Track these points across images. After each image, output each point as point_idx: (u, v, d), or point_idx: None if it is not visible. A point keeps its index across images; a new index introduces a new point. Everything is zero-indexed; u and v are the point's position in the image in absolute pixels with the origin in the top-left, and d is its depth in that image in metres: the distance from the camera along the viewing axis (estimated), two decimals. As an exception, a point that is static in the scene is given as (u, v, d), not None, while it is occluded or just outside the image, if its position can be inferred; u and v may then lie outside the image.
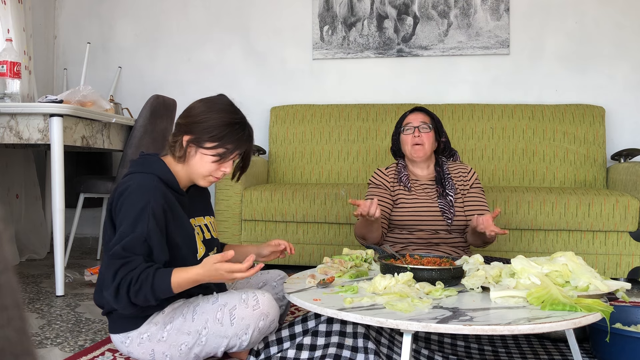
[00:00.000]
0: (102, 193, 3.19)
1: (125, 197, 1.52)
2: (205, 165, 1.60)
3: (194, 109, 1.64)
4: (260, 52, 3.88)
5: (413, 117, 2.27)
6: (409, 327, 1.25)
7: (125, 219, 1.49)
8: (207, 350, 1.58)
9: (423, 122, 2.23)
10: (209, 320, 1.55)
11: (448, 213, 2.16)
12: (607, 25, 3.50)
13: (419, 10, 3.67)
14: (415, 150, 2.21)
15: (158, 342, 1.57)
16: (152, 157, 1.65)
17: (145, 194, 1.51)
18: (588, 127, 3.34)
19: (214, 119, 1.59)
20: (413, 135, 2.21)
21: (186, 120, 1.62)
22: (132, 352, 1.60)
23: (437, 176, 2.25)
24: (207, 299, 1.60)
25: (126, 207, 1.51)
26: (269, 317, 1.58)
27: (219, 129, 1.58)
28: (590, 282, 1.47)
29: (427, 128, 2.22)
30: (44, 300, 2.46)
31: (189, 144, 1.59)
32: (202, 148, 1.58)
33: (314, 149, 3.55)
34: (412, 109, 2.32)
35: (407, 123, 2.25)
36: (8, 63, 2.70)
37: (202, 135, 1.58)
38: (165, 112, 3.23)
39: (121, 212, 1.51)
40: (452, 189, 2.21)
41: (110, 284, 1.42)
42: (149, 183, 1.53)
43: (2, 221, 0.44)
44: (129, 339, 1.59)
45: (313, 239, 3.03)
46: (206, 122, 1.58)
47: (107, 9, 4.07)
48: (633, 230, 2.76)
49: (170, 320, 1.57)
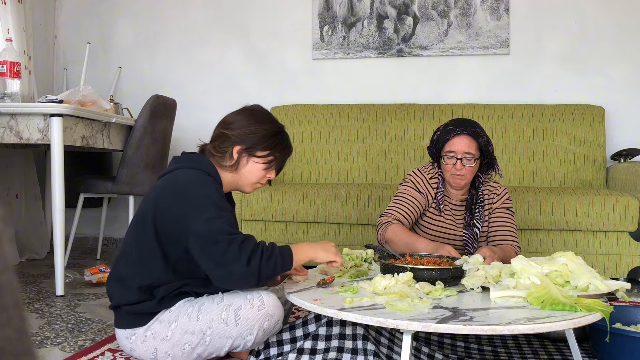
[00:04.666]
0: (102, 193, 3.19)
1: (195, 188, 1.57)
2: (256, 173, 1.70)
3: (239, 121, 1.70)
4: (260, 52, 3.88)
5: (458, 142, 2.01)
6: (409, 327, 1.25)
7: (199, 207, 1.53)
8: (210, 350, 1.58)
9: (467, 152, 2.00)
10: (214, 320, 1.56)
11: (470, 247, 2.08)
12: (607, 25, 3.50)
13: (419, 10, 3.67)
14: (455, 180, 2.05)
15: (162, 340, 1.57)
16: (199, 155, 1.72)
17: (208, 184, 1.60)
18: (588, 127, 3.34)
19: (264, 130, 1.68)
20: (454, 167, 2.02)
21: (234, 132, 1.68)
22: (134, 350, 1.61)
23: (469, 200, 2.11)
24: (212, 298, 1.61)
25: (195, 197, 1.55)
26: (273, 317, 1.58)
27: (270, 139, 1.68)
28: (590, 282, 1.47)
29: (470, 160, 2.01)
30: (44, 300, 2.46)
31: (241, 153, 1.67)
32: (254, 157, 1.68)
33: (314, 149, 3.55)
34: (458, 129, 2.03)
35: (450, 151, 2.03)
36: (8, 63, 2.70)
37: (255, 145, 1.67)
38: (165, 112, 3.23)
39: (188, 202, 1.54)
40: (481, 219, 2.09)
41: (238, 254, 1.45)
42: (203, 177, 1.62)
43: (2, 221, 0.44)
44: (135, 335, 1.59)
45: (313, 239, 3.03)
46: (257, 133, 1.67)
47: (107, 9, 4.07)
48: (633, 230, 2.76)
49: (175, 319, 1.57)
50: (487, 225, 2.13)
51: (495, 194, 2.14)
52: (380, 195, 2.93)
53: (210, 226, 1.49)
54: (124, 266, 1.64)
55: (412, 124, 3.48)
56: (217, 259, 1.47)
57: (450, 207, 2.15)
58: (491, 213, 2.13)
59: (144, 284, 1.59)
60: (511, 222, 2.11)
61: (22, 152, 3.49)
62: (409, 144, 3.47)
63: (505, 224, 2.10)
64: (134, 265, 1.61)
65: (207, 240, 1.49)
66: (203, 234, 1.49)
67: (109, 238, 4.02)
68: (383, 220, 2.08)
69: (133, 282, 1.59)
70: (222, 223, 1.51)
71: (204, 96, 3.94)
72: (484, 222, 2.11)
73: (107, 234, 3.95)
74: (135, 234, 1.64)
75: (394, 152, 3.47)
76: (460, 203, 2.15)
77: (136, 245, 1.62)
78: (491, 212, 2.13)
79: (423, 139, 3.45)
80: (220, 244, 1.46)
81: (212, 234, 1.48)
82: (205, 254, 1.49)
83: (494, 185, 2.16)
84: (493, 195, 2.14)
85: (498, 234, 2.09)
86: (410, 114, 3.51)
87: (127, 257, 1.64)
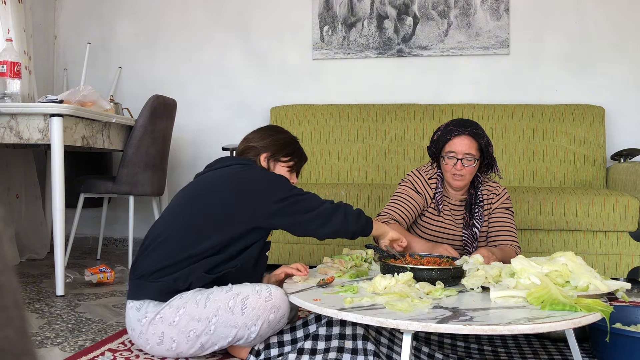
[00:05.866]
0: (102, 193, 3.19)
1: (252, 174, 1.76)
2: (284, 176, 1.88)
3: (261, 134, 1.93)
4: (260, 52, 3.88)
5: (459, 143, 2.02)
6: (409, 327, 1.25)
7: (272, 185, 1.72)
8: (213, 339, 1.60)
9: (468, 153, 2.01)
10: (221, 308, 1.58)
11: (470, 247, 2.08)
12: (607, 26, 3.50)
13: (419, 10, 3.67)
14: (455, 181, 2.05)
15: (169, 325, 1.59)
16: (243, 157, 1.90)
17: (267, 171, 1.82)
18: (588, 127, 3.34)
19: (283, 139, 1.93)
20: (454, 167, 2.03)
21: (259, 143, 1.90)
22: (143, 333, 1.62)
23: (469, 200, 2.11)
24: (222, 288, 1.64)
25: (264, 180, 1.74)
26: (280, 310, 1.60)
27: (290, 146, 1.93)
28: (590, 282, 1.47)
29: (471, 161, 2.02)
30: (44, 300, 2.46)
31: (268, 160, 1.88)
32: (280, 162, 1.90)
33: (314, 149, 3.55)
34: (459, 129, 2.03)
35: (451, 151, 2.03)
36: (8, 63, 2.70)
37: (279, 151, 1.89)
38: (165, 112, 3.23)
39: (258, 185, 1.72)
40: (480, 219, 2.09)
41: (322, 200, 1.72)
42: (260, 167, 1.84)
43: (2, 221, 0.44)
44: (146, 317, 1.61)
45: (313, 239, 3.03)
46: (279, 141, 1.91)
47: (107, 9, 4.07)
48: (633, 230, 2.76)
49: (184, 305, 1.60)
50: (487, 225, 2.13)
51: (494, 194, 2.14)
52: (380, 195, 2.93)
53: (291, 192, 1.70)
54: (161, 249, 1.66)
55: (412, 124, 3.48)
56: (307, 207, 1.68)
57: (449, 207, 2.15)
58: (491, 213, 2.13)
59: (189, 254, 1.64)
60: (511, 222, 2.11)
61: (22, 152, 3.49)
62: (409, 144, 3.47)
63: (505, 224, 2.10)
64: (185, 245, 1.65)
65: (292, 201, 1.68)
66: (287, 198, 1.68)
67: (109, 238, 4.02)
68: (380, 219, 2.09)
69: (176, 254, 1.64)
70: (299, 191, 1.72)
71: (204, 96, 3.94)
72: (483, 222, 2.11)
73: (107, 234, 3.95)
74: (183, 217, 1.70)
75: (394, 152, 3.47)
76: (459, 203, 2.14)
77: (186, 225, 1.68)
78: (491, 212, 2.13)
79: (423, 139, 3.45)
80: (306, 197, 1.71)
81: (295, 196, 1.69)
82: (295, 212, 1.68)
83: (493, 185, 2.16)
84: (492, 195, 2.14)
85: (498, 234, 2.09)
86: (410, 114, 3.51)
87: (167, 243, 1.67)
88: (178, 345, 1.60)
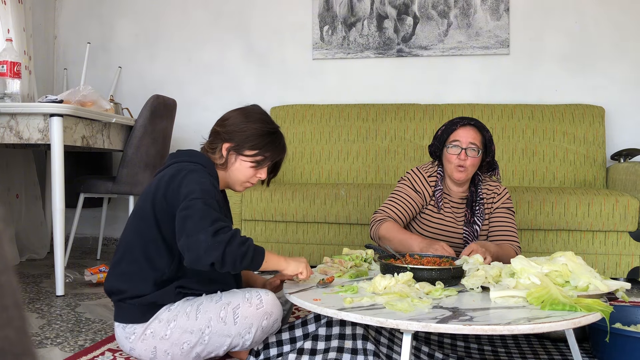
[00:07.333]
0: (102, 193, 3.19)
1: (188, 175, 1.56)
2: (244, 172, 1.69)
3: (232, 118, 1.71)
4: (260, 52, 3.88)
5: (463, 133, 2.04)
6: (409, 327, 1.25)
7: (188, 190, 1.52)
8: (209, 349, 1.58)
9: (472, 143, 2.02)
10: (213, 319, 1.56)
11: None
12: (607, 25, 3.50)
13: (418, 10, 3.67)
14: (457, 173, 2.05)
15: (161, 339, 1.57)
16: (195, 151, 1.72)
17: (207, 175, 1.59)
18: (588, 127, 3.34)
19: (254, 129, 1.67)
20: (458, 157, 2.02)
21: (225, 129, 1.69)
22: (134, 349, 1.61)
23: (470, 197, 2.11)
24: (211, 297, 1.61)
25: (193, 182, 1.54)
26: (272, 316, 1.58)
27: (259, 138, 1.67)
28: (590, 282, 1.47)
29: (475, 151, 2.03)
30: (44, 300, 2.46)
31: (229, 151, 1.68)
32: (242, 155, 1.67)
33: (314, 149, 3.55)
34: (464, 121, 2.08)
35: (455, 140, 2.05)
36: (8, 63, 2.70)
37: (242, 143, 1.67)
38: (165, 112, 3.23)
39: (180, 190, 1.54)
40: (481, 216, 2.09)
41: (209, 226, 1.43)
42: (199, 168, 1.62)
43: (2, 221, 0.44)
44: (134, 334, 1.59)
45: (313, 239, 3.03)
46: (246, 131, 1.67)
47: (107, 9, 4.07)
48: (633, 230, 2.76)
49: (174, 318, 1.57)
50: (488, 225, 2.13)
51: (495, 194, 2.15)
52: (380, 195, 2.93)
53: (192, 203, 1.48)
54: (129, 264, 1.62)
55: (412, 124, 3.48)
56: (189, 229, 1.44)
57: (450, 204, 2.15)
58: (492, 212, 2.13)
59: (153, 279, 1.58)
60: (512, 222, 2.12)
61: (22, 152, 3.49)
62: (409, 144, 3.47)
63: (506, 223, 2.11)
64: (139, 262, 1.60)
65: (186, 214, 1.46)
66: (183, 208, 1.48)
67: (109, 238, 4.02)
68: (377, 217, 2.10)
69: (140, 277, 1.59)
70: (204, 203, 1.48)
71: (204, 96, 3.94)
72: (484, 219, 2.11)
73: (107, 234, 3.95)
74: (136, 231, 1.63)
75: (394, 152, 3.47)
76: (460, 200, 2.15)
77: (140, 241, 1.61)
78: (492, 212, 2.13)
79: (423, 139, 3.45)
80: (196, 216, 1.45)
81: (192, 209, 1.47)
82: (180, 226, 1.46)
83: (494, 184, 2.17)
84: (493, 194, 2.14)
85: (498, 234, 2.10)
86: (410, 114, 3.51)
87: (131, 255, 1.62)
88: (173, 357, 1.58)
